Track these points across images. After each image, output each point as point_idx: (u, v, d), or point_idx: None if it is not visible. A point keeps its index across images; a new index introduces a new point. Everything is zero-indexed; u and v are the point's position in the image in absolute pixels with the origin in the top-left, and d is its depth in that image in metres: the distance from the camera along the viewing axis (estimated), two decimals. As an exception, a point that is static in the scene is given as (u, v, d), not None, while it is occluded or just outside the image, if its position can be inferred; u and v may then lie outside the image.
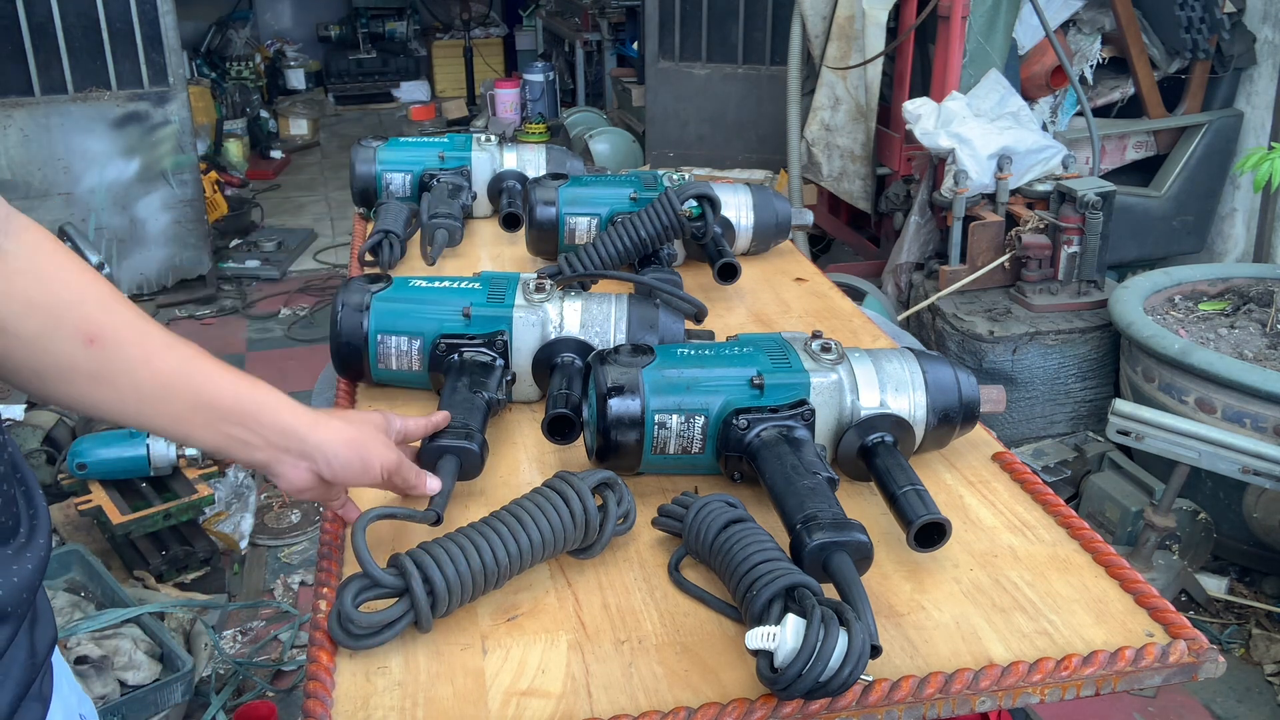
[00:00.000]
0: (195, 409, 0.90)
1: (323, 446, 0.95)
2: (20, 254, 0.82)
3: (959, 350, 3.14)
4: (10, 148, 4.10)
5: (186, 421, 0.90)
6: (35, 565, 0.78)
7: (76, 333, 0.83)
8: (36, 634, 0.81)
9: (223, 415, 0.91)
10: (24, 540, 0.78)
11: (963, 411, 1.14)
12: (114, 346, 0.85)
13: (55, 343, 0.83)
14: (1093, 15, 3.68)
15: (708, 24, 4.96)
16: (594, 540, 1.00)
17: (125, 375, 0.86)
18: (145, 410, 0.89)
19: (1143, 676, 0.89)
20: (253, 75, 7.13)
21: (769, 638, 0.81)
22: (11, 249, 0.81)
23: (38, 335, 0.82)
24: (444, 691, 0.86)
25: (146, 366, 0.87)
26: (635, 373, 1.09)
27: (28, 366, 0.83)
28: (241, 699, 2.30)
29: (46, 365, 0.84)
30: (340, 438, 0.96)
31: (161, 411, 0.89)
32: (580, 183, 1.73)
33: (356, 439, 0.98)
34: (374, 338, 1.27)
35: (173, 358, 0.89)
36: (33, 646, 0.80)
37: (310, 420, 0.95)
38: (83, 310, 0.84)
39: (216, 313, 4.54)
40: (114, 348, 0.85)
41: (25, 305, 0.81)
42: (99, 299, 0.86)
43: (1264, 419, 2.47)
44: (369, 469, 0.99)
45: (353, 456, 0.97)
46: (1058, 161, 3.24)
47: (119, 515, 2.58)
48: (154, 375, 0.88)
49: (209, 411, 0.90)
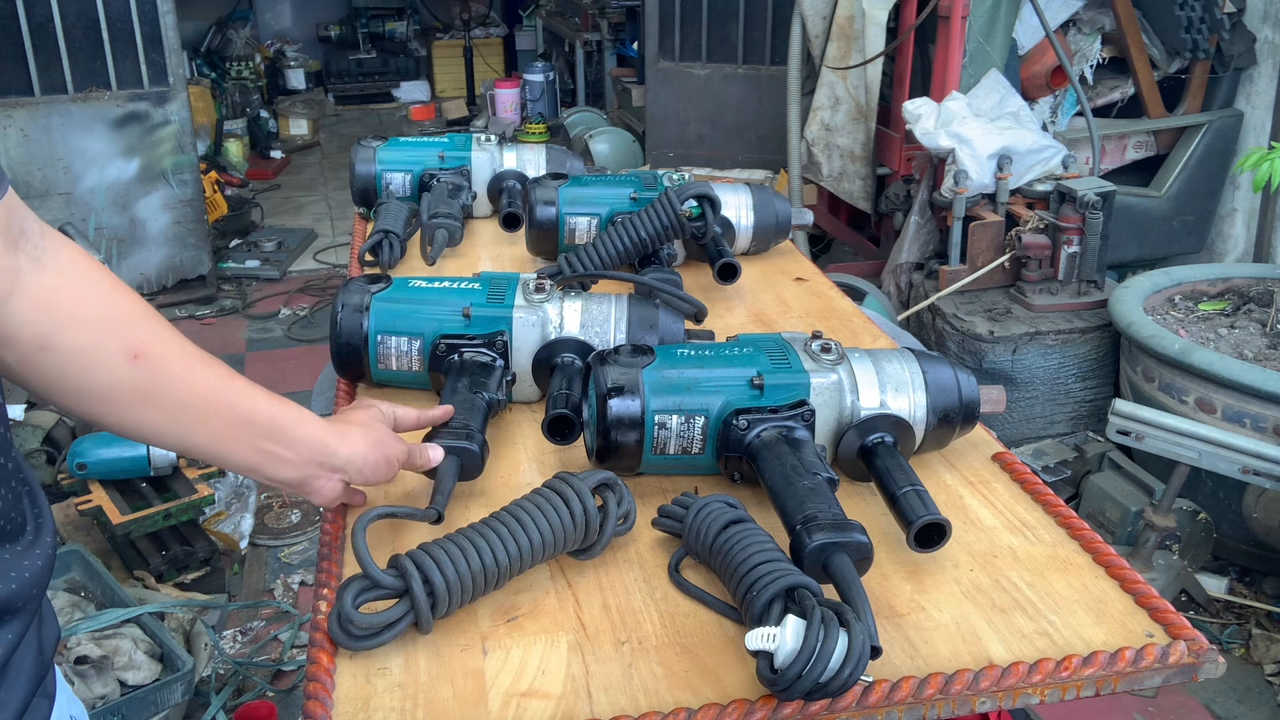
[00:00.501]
0: (234, 425, 0.90)
1: (353, 458, 0.98)
2: (61, 269, 0.81)
3: (959, 350, 3.14)
4: (10, 148, 4.10)
5: (225, 438, 0.90)
6: (44, 562, 0.79)
7: (121, 348, 0.83)
8: (44, 632, 0.82)
9: (260, 431, 0.91)
10: (31, 538, 0.79)
11: (963, 412, 1.14)
12: (157, 362, 0.85)
13: (100, 358, 0.82)
14: (1093, 15, 3.68)
15: (708, 24, 4.96)
16: (594, 541, 1.00)
17: (168, 391, 0.86)
18: (186, 428, 0.88)
19: (1143, 677, 0.89)
20: (253, 75, 7.13)
21: (769, 638, 0.81)
22: (52, 264, 0.81)
23: (81, 350, 0.81)
24: (444, 692, 0.86)
25: (187, 382, 0.87)
26: (635, 373, 1.09)
27: (71, 385, 0.82)
28: (241, 699, 2.30)
29: (90, 382, 0.83)
30: (364, 444, 0.99)
31: (201, 429, 0.89)
32: (580, 183, 1.72)
33: (377, 440, 1.00)
34: (374, 338, 1.27)
35: (210, 374, 0.89)
36: (41, 644, 0.81)
37: (336, 433, 0.97)
38: (127, 325, 0.84)
39: (216, 313, 4.54)
40: (157, 364, 0.85)
41: (69, 321, 0.81)
42: (142, 314, 0.85)
43: (1264, 419, 2.47)
44: (391, 466, 1.02)
45: (379, 459, 1.00)
46: (1058, 161, 3.24)
47: (119, 515, 2.58)
48: (194, 391, 0.88)
49: (247, 428, 0.91)
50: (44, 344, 0.80)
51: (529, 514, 0.96)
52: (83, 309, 0.82)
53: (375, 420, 1.03)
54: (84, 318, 0.81)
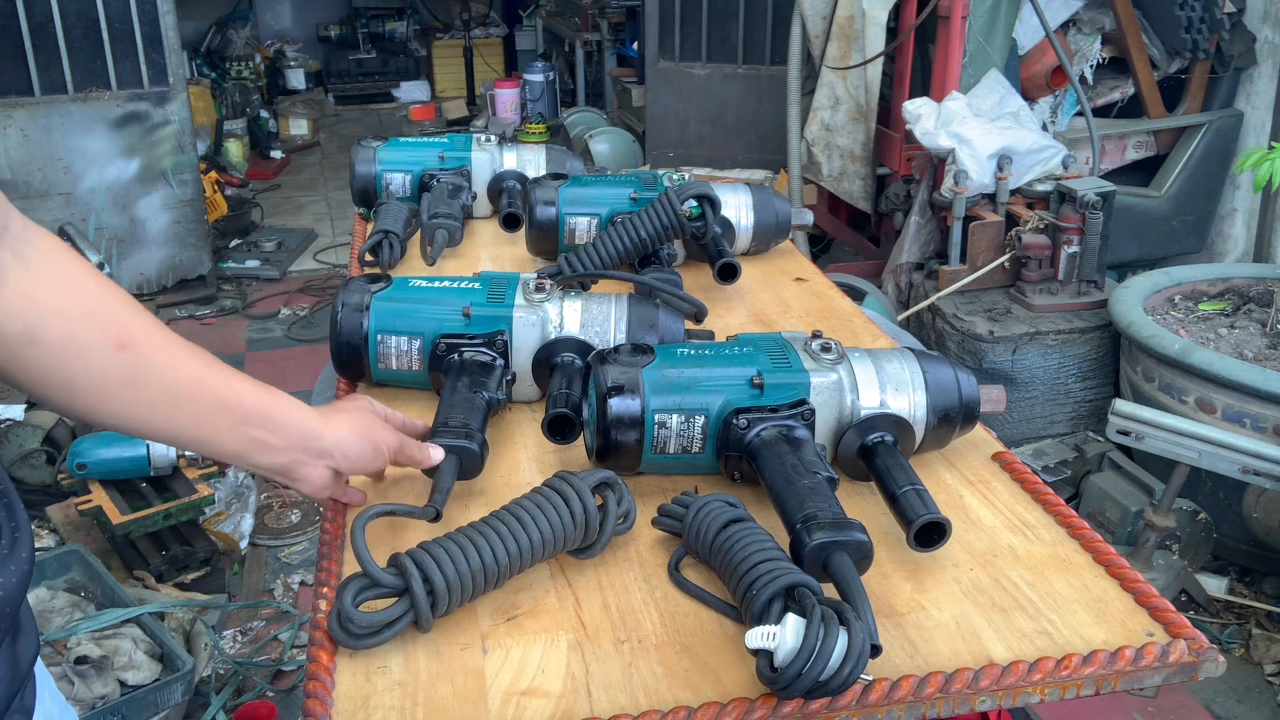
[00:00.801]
0: (221, 412, 0.91)
1: (340, 442, 0.98)
2: (44, 263, 0.82)
3: (959, 350, 3.14)
4: (10, 148, 4.10)
5: (211, 425, 0.91)
6: (18, 579, 0.77)
7: (106, 338, 0.84)
8: (19, 647, 0.80)
9: (245, 417, 0.92)
10: (5, 553, 0.77)
11: (963, 411, 1.14)
12: (143, 351, 0.86)
13: (87, 349, 0.83)
14: (1093, 15, 3.68)
15: (708, 24, 4.96)
16: (594, 540, 1.00)
17: (155, 379, 0.87)
18: (173, 417, 0.89)
19: (1143, 676, 0.89)
20: (253, 75, 7.13)
21: (769, 637, 0.81)
22: (34, 258, 0.81)
23: (67, 342, 0.82)
24: (444, 691, 0.86)
25: (173, 370, 0.88)
26: (635, 372, 1.09)
27: (59, 377, 0.83)
28: (241, 699, 2.30)
29: (78, 373, 0.83)
30: (350, 429, 1.00)
31: (187, 417, 0.90)
32: (580, 183, 1.72)
33: (363, 426, 1.01)
34: (374, 338, 1.28)
35: (195, 362, 0.90)
36: (15, 660, 0.79)
37: (321, 418, 0.98)
38: (111, 315, 0.85)
39: (216, 313, 4.54)
40: (143, 353, 0.86)
41: (54, 313, 0.81)
42: (124, 305, 0.86)
43: (1264, 419, 2.47)
44: (379, 454, 1.02)
45: (365, 444, 1.00)
46: (1058, 161, 3.25)
47: (119, 515, 2.58)
48: (180, 379, 0.89)
49: (233, 414, 0.91)
50: (31, 337, 0.80)
51: (529, 513, 0.96)
52: (67, 301, 0.82)
53: (363, 410, 1.04)
54: (69, 310, 0.82)
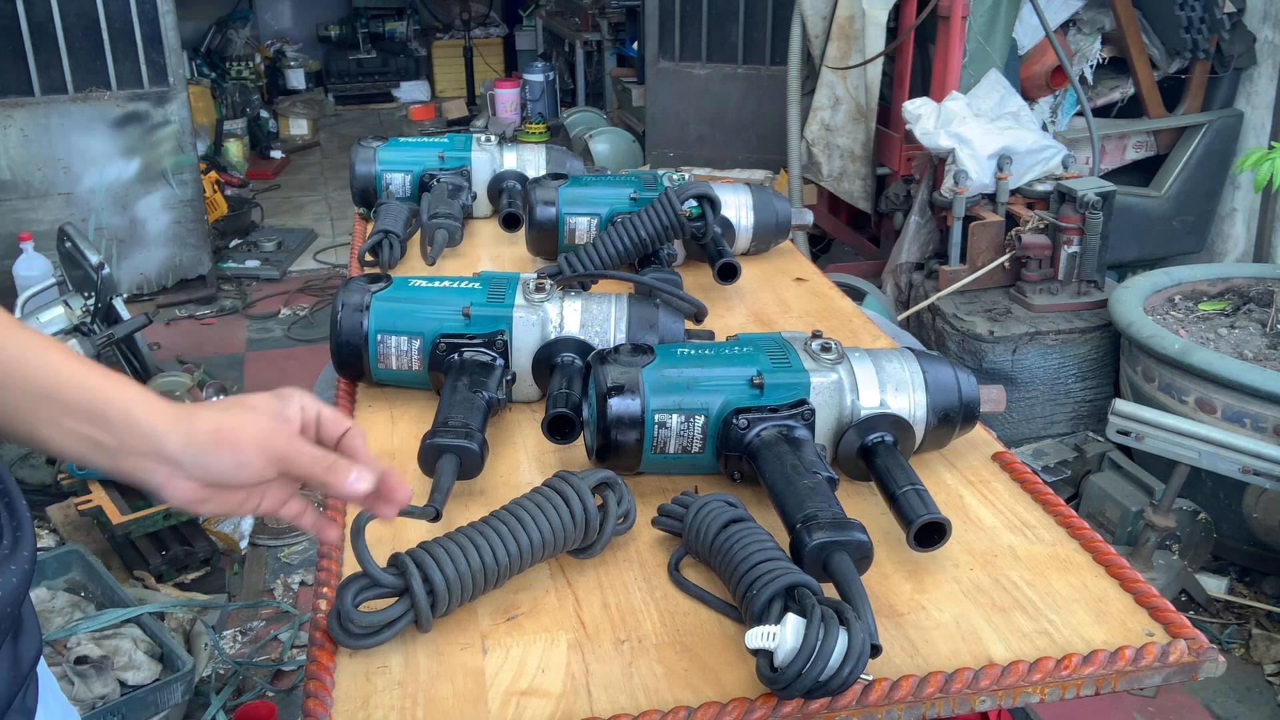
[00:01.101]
0: (36, 400, 0.75)
1: (190, 447, 0.77)
2: None
3: (959, 350, 3.14)
4: (10, 148, 4.10)
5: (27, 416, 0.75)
6: (19, 579, 0.76)
7: None
8: (20, 647, 0.80)
9: (67, 409, 0.76)
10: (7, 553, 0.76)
11: (963, 411, 1.14)
12: None
13: None
14: (1093, 15, 3.68)
15: (708, 24, 4.96)
16: (594, 540, 1.00)
17: None
18: None
19: (1143, 676, 0.89)
20: (253, 75, 7.13)
21: (769, 637, 0.81)
22: None
23: None
24: (444, 691, 0.86)
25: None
26: (635, 372, 1.09)
27: None
28: (241, 699, 2.30)
29: None
30: (210, 434, 0.78)
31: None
32: (580, 183, 1.73)
33: (224, 428, 0.79)
34: (374, 337, 1.28)
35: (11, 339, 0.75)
36: (16, 659, 0.79)
37: (172, 417, 0.78)
38: None
39: (216, 313, 4.54)
40: None
41: None
42: None
43: (1264, 419, 2.47)
44: (253, 468, 0.80)
45: (227, 455, 0.78)
46: (1058, 161, 3.25)
47: (119, 515, 2.58)
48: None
49: (50, 404, 0.75)
50: None
51: (529, 513, 0.96)
52: None
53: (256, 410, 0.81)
54: None
